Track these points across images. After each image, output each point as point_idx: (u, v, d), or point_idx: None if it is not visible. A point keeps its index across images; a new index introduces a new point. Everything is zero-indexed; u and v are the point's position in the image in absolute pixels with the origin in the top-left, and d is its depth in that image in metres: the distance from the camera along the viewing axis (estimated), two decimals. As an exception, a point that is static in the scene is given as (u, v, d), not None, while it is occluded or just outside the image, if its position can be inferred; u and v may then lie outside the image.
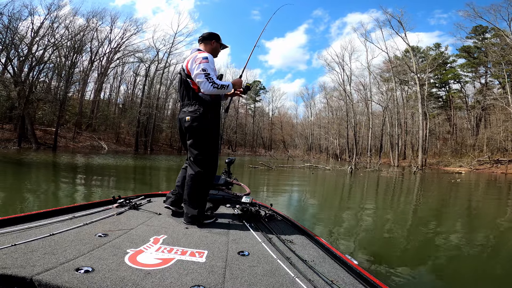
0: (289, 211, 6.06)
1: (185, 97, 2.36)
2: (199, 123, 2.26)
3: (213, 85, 2.19)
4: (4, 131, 25.58)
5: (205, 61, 2.23)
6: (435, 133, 42.01)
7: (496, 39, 33.14)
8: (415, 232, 5.00)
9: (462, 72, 40.96)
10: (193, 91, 2.31)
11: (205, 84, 2.19)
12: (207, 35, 2.53)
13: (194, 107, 2.29)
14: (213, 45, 2.52)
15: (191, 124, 2.27)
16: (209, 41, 2.51)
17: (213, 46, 2.52)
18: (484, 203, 8.95)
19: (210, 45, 2.51)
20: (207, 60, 2.24)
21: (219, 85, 2.22)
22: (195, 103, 2.30)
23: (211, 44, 2.51)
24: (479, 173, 25.55)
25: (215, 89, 2.21)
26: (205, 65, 2.21)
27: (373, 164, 26.10)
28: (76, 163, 14.65)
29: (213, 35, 2.54)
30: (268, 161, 24.86)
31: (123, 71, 42.44)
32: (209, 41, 2.51)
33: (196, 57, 2.27)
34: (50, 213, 2.04)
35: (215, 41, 2.53)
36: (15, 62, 25.38)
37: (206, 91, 2.22)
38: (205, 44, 2.51)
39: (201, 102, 2.30)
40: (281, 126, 65.61)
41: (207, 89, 2.20)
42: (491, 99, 32.36)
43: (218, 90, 2.23)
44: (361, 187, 11.99)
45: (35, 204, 5.12)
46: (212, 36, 2.53)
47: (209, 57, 2.29)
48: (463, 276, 3.22)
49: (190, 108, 2.30)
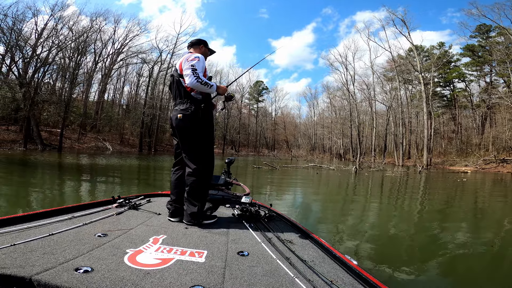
0: (294, 211, 6.04)
1: (177, 96, 2.43)
2: (190, 121, 2.32)
3: (197, 79, 2.25)
4: (10, 133, 25.84)
5: (196, 59, 2.34)
6: (439, 132, 41.72)
7: (500, 38, 32.83)
8: (419, 232, 4.96)
9: (466, 71, 40.62)
10: (185, 90, 2.38)
11: (190, 77, 2.25)
12: (196, 41, 2.67)
13: (185, 105, 2.36)
14: (202, 49, 2.64)
15: (182, 121, 2.33)
16: (198, 46, 2.64)
17: (202, 51, 2.63)
18: (490, 203, 8.85)
19: (199, 50, 2.63)
20: (198, 59, 2.35)
21: (203, 81, 2.28)
22: (186, 101, 2.37)
23: (200, 48, 2.64)
24: (485, 172, 25.30)
25: (198, 83, 2.26)
26: (196, 62, 2.32)
27: (378, 164, 25.95)
28: (81, 164, 14.79)
29: (201, 40, 2.68)
30: (272, 161, 24.83)
31: (126, 72, 42.69)
32: (198, 46, 2.64)
33: (189, 57, 2.38)
34: (50, 213, 2.05)
35: (204, 46, 2.66)
36: (20, 64, 25.58)
37: (189, 83, 2.27)
38: (194, 49, 2.63)
39: (193, 101, 2.37)
40: (284, 126, 65.50)
41: (191, 81, 2.25)
42: (496, 98, 32.06)
43: (201, 85, 2.28)
44: (366, 186, 11.92)
45: (40, 203, 5.15)
46: (201, 42, 2.66)
47: (201, 57, 2.40)
48: (466, 276, 3.18)
49: (181, 106, 2.37)
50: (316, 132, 59.28)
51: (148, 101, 38.11)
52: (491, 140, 33.53)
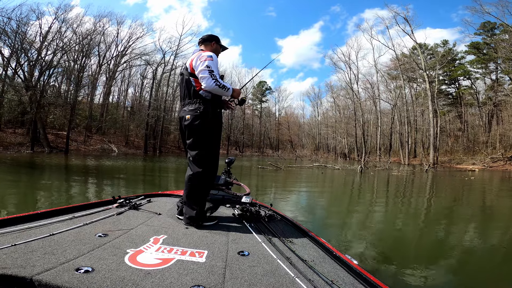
0: (300, 211, 6.01)
1: (186, 96, 2.34)
2: (199, 122, 2.24)
3: (216, 82, 2.18)
4: (16, 136, 26.14)
5: (210, 59, 2.24)
6: (446, 131, 41.30)
7: (505, 35, 32.46)
8: (424, 232, 4.91)
9: (472, 68, 40.18)
10: (194, 90, 2.29)
11: (208, 79, 2.18)
12: (207, 37, 2.53)
13: (194, 106, 2.27)
14: (214, 46, 2.52)
15: (191, 122, 2.25)
16: (210, 42, 2.51)
17: (213, 47, 2.51)
18: (499, 201, 8.74)
19: (210, 46, 2.50)
20: (211, 58, 2.25)
21: (221, 84, 2.21)
22: (195, 102, 2.28)
23: (212, 45, 2.51)
24: (493, 170, 24.99)
25: (216, 87, 2.19)
26: (210, 62, 2.21)
27: (383, 163, 25.76)
28: (88, 166, 14.93)
29: (213, 36, 2.54)
30: (276, 162, 24.82)
31: (130, 74, 42.97)
32: (210, 42, 2.51)
33: (201, 55, 2.27)
34: (50, 213, 2.05)
35: (215, 43, 2.53)
36: (25, 67, 25.74)
37: (207, 86, 2.20)
38: (205, 46, 2.51)
39: (202, 101, 2.28)
40: (288, 126, 65.38)
41: (209, 84, 2.18)
42: (502, 95, 31.68)
43: (219, 88, 2.21)
44: (371, 186, 11.85)
45: (47, 204, 5.21)
46: (212, 38, 2.53)
47: (214, 56, 2.30)
48: (472, 277, 3.14)
49: (190, 107, 2.28)
50: (320, 131, 59.11)
51: (152, 102, 38.32)
52: (498, 138, 33.16)
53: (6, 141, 23.99)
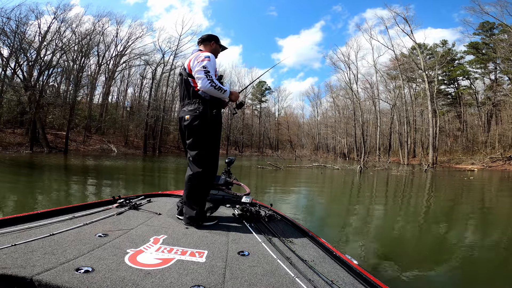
0: (299, 211, 6.03)
1: (185, 96, 2.34)
2: (199, 122, 2.23)
3: (211, 83, 2.17)
4: (16, 136, 26.10)
5: (207, 59, 2.22)
6: (445, 131, 41.36)
7: (504, 35, 32.52)
8: (424, 232, 4.91)
9: (471, 68, 40.23)
10: (193, 90, 2.28)
11: (203, 80, 2.16)
12: (206, 37, 2.52)
13: (194, 106, 2.26)
14: (213, 46, 2.51)
15: (191, 122, 2.24)
16: (209, 42, 2.51)
17: (212, 47, 2.50)
18: (498, 201, 8.75)
19: (209, 46, 2.50)
20: (209, 59, 2.23)
21: (217, 86, 2.19)
22: (195, 102, 2.27)
23: (211, 45, 2.51)
24: (492, 170, 25.03)
25: (211, 88, 2.18)
26: (207, 63, 2.20)
27: (383, 163, 25.77)
28: (87, 166, 14.92)
29: (212, 36, 2.53)
30: (276, 162, 24.81)
31: (129, 74, 42.93)
32: (209, 42, 2.51)
33: (199, 56, 2.26)
34: (50, 213, 2.05)
35: (215, 42, 2.52)
36: (24, 67, 25.70)
37: (202, 87, 2.18)
38: (204, 45, 2.50)
39: (201, 101, 2.27)
40: (287, 126, 65.38)
41: (204, 85, 2.17)
42: (501, 95, 31.73)
43: (215, 90, 2.19)
44: (371, 186, 11.86)
45: (47, 204, 5.20)
46: (212, 38, 2.52)
47: (211, 56, 2.28)
48: (472, 277, 3.14)
49: (190, 107, 2.27)
50: (319, 131, 59.11)
51: (151, 102, 38.29)
52: (497, 137, 33.22)
53: (5, 141, 23.96)
